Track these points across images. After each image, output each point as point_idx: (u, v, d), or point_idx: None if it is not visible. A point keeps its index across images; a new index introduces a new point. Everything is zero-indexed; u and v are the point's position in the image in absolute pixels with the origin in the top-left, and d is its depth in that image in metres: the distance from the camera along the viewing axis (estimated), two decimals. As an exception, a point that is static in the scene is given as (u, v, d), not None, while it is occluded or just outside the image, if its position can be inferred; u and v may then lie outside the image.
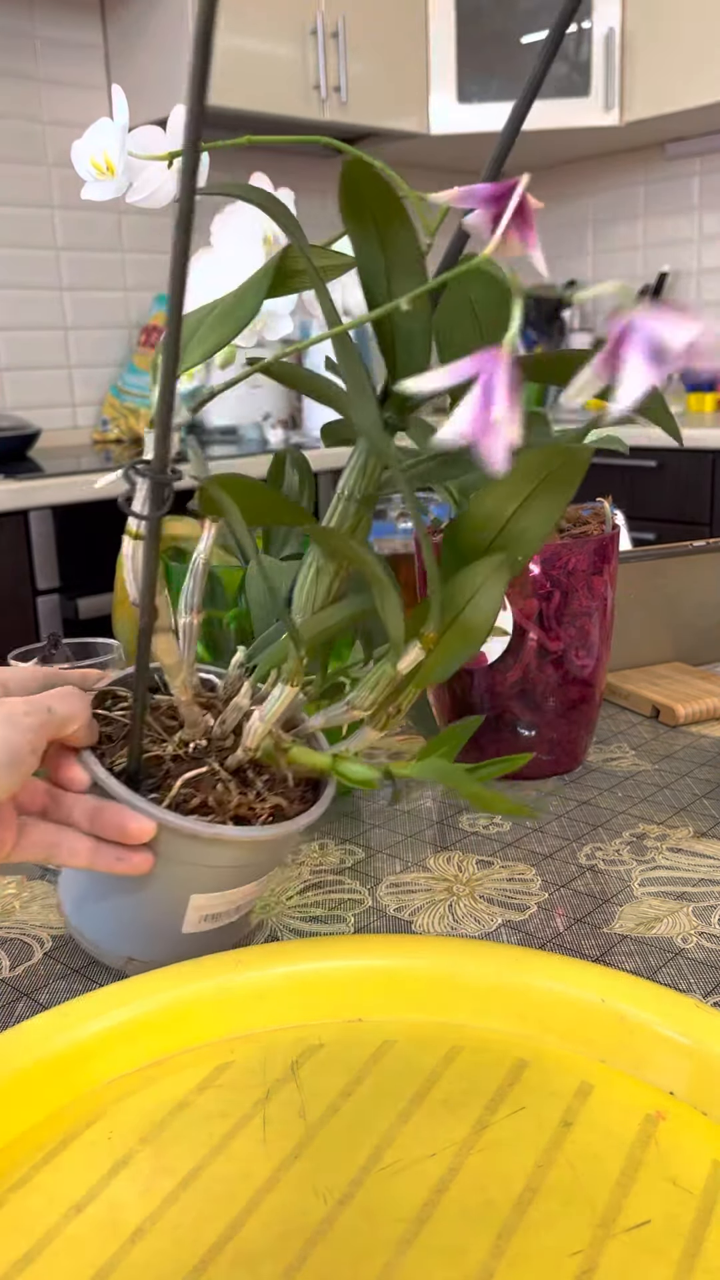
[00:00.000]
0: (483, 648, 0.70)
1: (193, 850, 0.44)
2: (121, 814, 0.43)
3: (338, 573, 0.47)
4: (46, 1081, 0.40)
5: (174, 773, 0.45)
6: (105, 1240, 0.34)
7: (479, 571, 0.45)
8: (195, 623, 0.46)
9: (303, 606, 0.47)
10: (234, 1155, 0.37)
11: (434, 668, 0.46)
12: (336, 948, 0.46)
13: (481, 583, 0.45)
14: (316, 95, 2.50)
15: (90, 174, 0.52)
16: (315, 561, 0.47)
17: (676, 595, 0.93)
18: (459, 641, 0.45)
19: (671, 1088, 0.40)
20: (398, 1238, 0.34)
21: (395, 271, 0.42)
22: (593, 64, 2.71)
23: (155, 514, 0.39)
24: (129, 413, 2.62)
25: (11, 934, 0.55)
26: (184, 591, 0.46)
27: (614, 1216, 0.34)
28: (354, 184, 0.39)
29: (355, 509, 0.46)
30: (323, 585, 0.47)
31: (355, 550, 0.43)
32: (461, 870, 0.60)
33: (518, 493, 0.44)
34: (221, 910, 0.47)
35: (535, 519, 0.44)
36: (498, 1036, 0.43)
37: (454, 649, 0.46)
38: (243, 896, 0.48)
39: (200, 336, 0.44)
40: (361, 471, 0.46)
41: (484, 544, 0.45)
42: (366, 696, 0.46)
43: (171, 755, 0.46)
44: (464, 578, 0.45)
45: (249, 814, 0.45)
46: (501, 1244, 0.33)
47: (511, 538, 0.45)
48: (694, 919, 0.54)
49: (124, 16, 2.50)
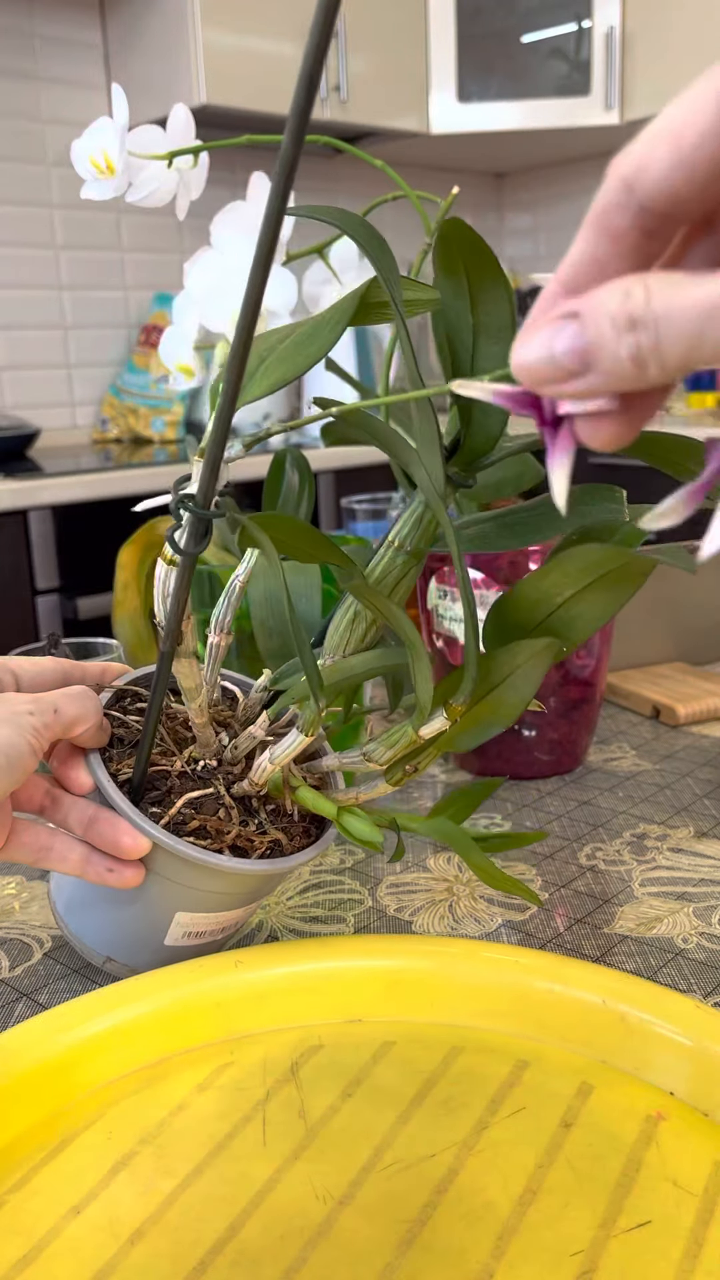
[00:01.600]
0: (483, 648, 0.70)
1: (183, 872, 0.44)
2: (117, 827, 0.43)
3: (374, 622, 0.46)
4: (46, 1082, 0.40)
5: (178, 790, 0.45)
6: (104, 1242, 0.34)
7: (522, 652, 0.43)
8: (223, 645, 0.45)
9: (334, 648, 0.46)
10: (234, 1156, 0.37)
11: (457, 738, 0.45)
12: (336, 948, 0.46)
13: (522, 663, 0.43)
14: (316, 95, 2.50)
15: (90, 173, 0.52)
16: (354, 606, 0.46)
17: (676, 595, 0.93)
18: (488, 717, 0.44)
19: (672, 1088, 0.40)
20: (398, 1239, 0.33)
21: (482, 333, 0.41)
22: (593, 64, 2.71)
23: (195, 549, 0.38)
24: (128, 412, 2.62)
25: (11, 934, 0.55)
26: (216, 612, 0.45)
27: (614, 1217, 0.34)
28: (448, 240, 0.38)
29: (403, 561, 0.44)
30: (357, 632, 0.46)
31: (393, 612, 0.41)
32: (461, 870, 0.60)
33: (575, 582, 0.42)
34: (205, 930, 0.47)
35: (589, 609, 0.43)
36: (498, 1037, 0.43)
37: (481, 724, 0.44)
38: (228, 920, 0.47)
39: (267, 368, 0.42)
40: (416, 524, 0.44)
41: (532, 624, 0.44)
42: (384, 753, 0.45)
43: (178, 771, 0.46)
44: (505, 654, 0.43)
45: (246, 845, 0.45)
46: (502, 1245, 0.33)
47: (562, 623, 0.43)
48: (694, 919, 0.54)
49: (124, 16, 2.50)
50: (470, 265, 0.39)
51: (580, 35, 2.72)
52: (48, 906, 0.57)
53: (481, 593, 0.68)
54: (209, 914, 0.46)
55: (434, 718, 0.43)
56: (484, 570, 0.68)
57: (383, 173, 0.54)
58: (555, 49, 2.75)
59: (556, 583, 0.43)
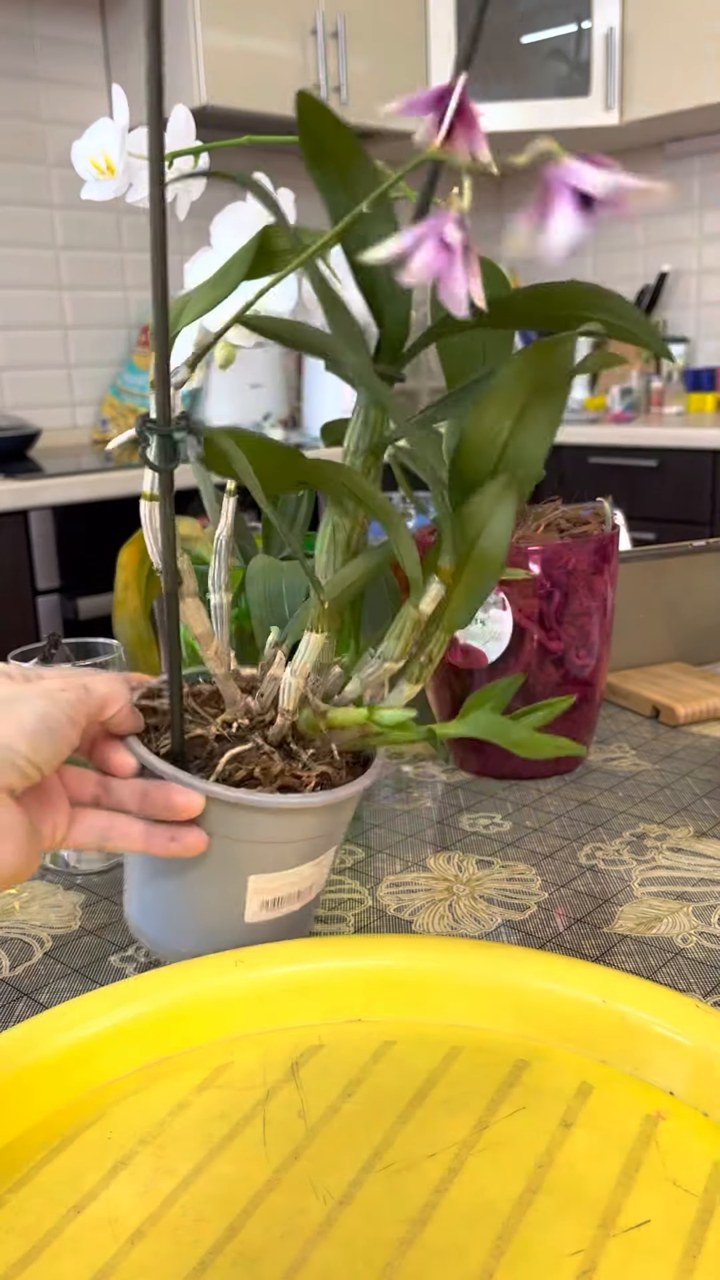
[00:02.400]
0: (483, 648, 0.70)
1: (243, 824, 0.44)
2: (168, 790, 0.44)
3: (353, 528, 0.47)
4: (46, 1082, 0.40)
5: (218, 752, 0.46)
6: (105, 1241, 0.34)
7: (486, 498, 0.44)
8: (225, 601, 0.46)
9: (325, 566, 0.48)
10: (234, 1156, 0.37)
11: (457, 605, 0.46)
12: (336, 948, 0.46)
13: (491, 508, 0.44)
14: (316, 95, 2.50)
15: (90, 174, 0.52)
16: (330, 520, 0.47)
17: (676, 595, 0.93)
18: (477, 574, 0.45)
19: (672, 1088, 0.40)
20: (398, 1238, 0.34)
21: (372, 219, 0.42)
22: (593, 64, 2.71)
23: (168, 466, 0.40)
24: (129, 412, 2.61)
25: (12, 934, 0.55)
26: (211, 573, 0.47)
27: (614, 1217, 0.34)
28: (312, 132, 0.40)
29: (362, 462, 0.46)
30: (340, 541, 0.47)
31: (360, 483, 0.43)
32: (461, 870, 0.60)
33: (510, 407, 0.43)
34: (283, 894, 0.47)
35: (532, 435, 0.44)
36: (498, 1037, 0.43)
37: (474, 582, 0.45)
38: (302, 879, 0.48)
39: (190, 305, 0.46)
40: (365, 424, 0.46)
41: (487, 469, 0.45)
42: (395, 646, 0.46)
43: (215, 735, 0.47)
44: (472, 507, 0.44)
45: (295, 783, 0.46)
46: (502, 1244, 0.33)
47: (512, 458, 0.45)
48: (694, 919, 0.54)
49: (124, 16, 2.50)
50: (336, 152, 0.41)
51: (580, 36, 2.72)
52: (48, 906, 0.57)
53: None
54: (281, 873, 0.46)
55: (429, 588, 0.45)
56: (484, 570, 0.68)
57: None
58: (555, 49, 2.75)
59: (495, 416, 0.44)
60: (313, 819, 0.46)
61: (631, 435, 2.64)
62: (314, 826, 0.46)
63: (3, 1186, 0.36)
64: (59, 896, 0.59)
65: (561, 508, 0.72)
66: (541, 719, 0.50)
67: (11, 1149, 0.38)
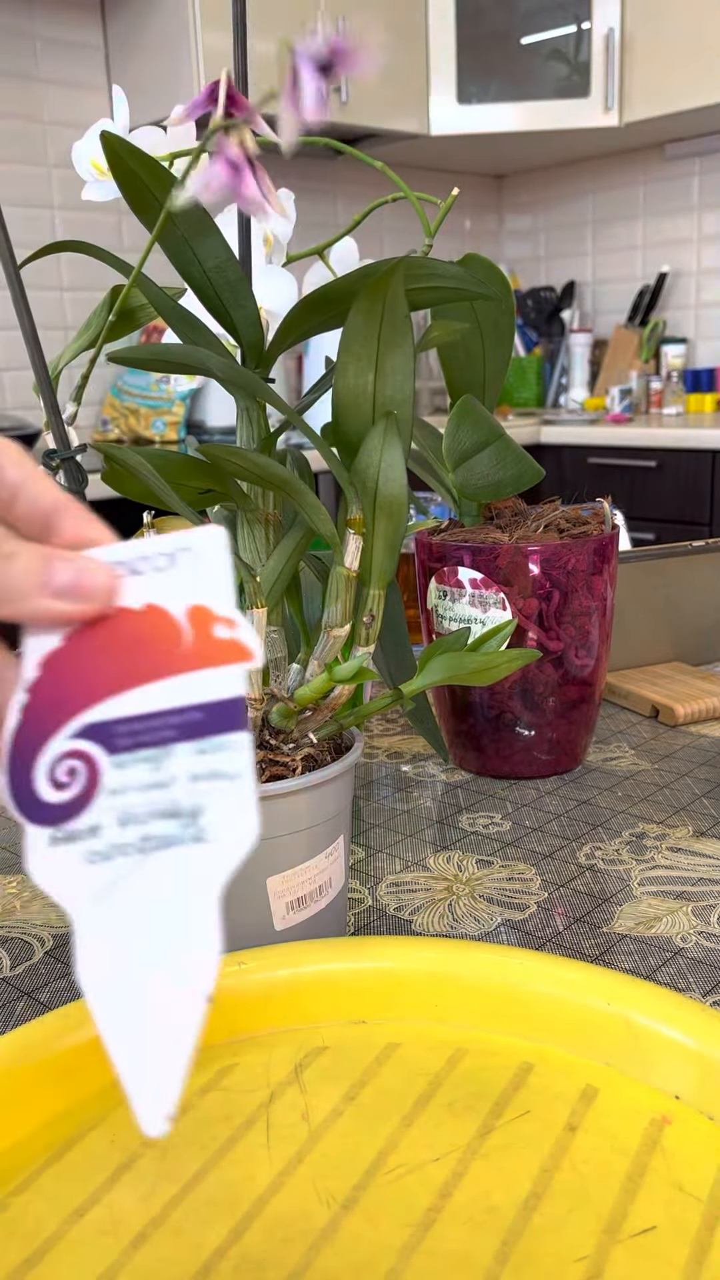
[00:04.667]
0: (483, 646, 0.69)
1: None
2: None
3: (268, 521, 0.49)
4: (49, 1085, 0.40)
5: None
6: (107, 1245, 0.34)
7: (372, 443, 0.46)
8: None
9: (253, 559, 0.50)
10: (237, 1159, 0.37)
11: (380, 555, 0.47)
12: (339, 950, 0.46)
13: (380, 451, 0.46)
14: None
15: (90, 174, 0.52)
16: (242, 520, 0.49)
17: (676, 595, 0.92)
18: (387, 518, 0.47)
19: (677, 1092, 0.40)
20: (402, 1243, 0.33)
21: (192, 236, 0.46)
22: (593, 64, 2.71)
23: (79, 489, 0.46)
24: (129, 413, 2.61)
25: (13, 933, 0.55)
26: None
27: (619, 1222, 0.34)
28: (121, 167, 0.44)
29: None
30: (259, 535, 0.49)
31: (252, 458, 0.44)
32: (461, 870, 0.60)
33: (367, 362, 0.45)
34: (304, 893, 0.47)
35: (393, 381, 0.46)
36: (502, 1040, 0.43)
37: (386, 528, 0.47)
38: (319, 872, 0.48)
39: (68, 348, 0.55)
40: (250, 422, 0.49)
41: (366, 421, 0.47)
42: (336, 610, 0.48)
43: None
44: (364, 457, 0.46)
45: (283, 771, 0.47)
46: (506, 1249, 0.33)
47: (383, 405, 0.46)
48: (693, 918, 0.54)
49: (124, 16, 2.50)
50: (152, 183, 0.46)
51: (580, 37, 2.72)
52: (49, 905, 0.57)
53: (481, 593, 0.68)
54: (294, 870, 0.47)
55: (347, 544, 0.47)
56: (483, 570, 0.68)
57: (383, 174, 0.54)
58: (555, 51, 2.76)
59: (357, 372, 0.46)
60: (310, 801, 0.46)
61: (631, 436, 2.64)
62: (314, 811, 0.46)
63: (5, 1190, 0.36)
64: (60, 898, 0.58)
65: (561, 508, 0.72)
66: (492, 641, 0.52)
67: (13, 1152, 0.38)
